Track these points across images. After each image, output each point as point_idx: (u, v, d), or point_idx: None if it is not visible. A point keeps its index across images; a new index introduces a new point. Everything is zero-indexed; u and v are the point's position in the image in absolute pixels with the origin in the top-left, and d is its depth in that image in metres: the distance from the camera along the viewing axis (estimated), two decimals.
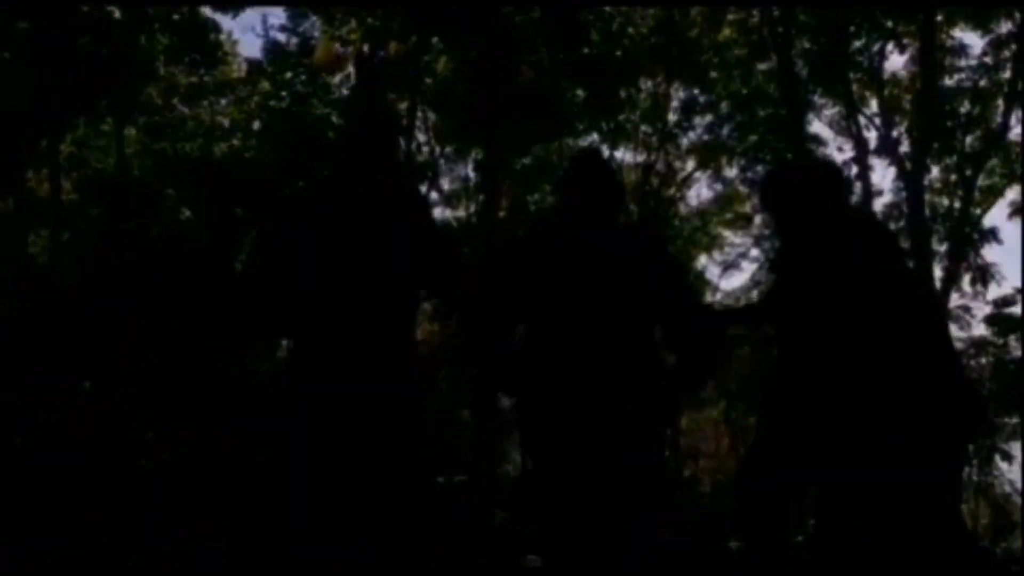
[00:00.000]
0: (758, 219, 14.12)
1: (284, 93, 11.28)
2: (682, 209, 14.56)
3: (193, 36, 9.73)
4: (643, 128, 13.00)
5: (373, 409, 2.47)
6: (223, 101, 11.34)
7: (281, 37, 11.15)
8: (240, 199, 9.94)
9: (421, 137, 11.97)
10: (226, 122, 11.17)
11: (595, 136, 13.08)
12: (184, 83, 10.81)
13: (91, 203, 10.06)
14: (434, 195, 12.49)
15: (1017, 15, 10.68)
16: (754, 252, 15.11)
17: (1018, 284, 11.13)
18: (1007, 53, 11.04)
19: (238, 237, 9.94)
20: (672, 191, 13.76)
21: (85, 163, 10.97)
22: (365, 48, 10.29)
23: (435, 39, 10.18)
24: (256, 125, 11.33)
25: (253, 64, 11.20)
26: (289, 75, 11.15)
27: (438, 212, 12.65)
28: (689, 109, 13.16)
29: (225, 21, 11.96)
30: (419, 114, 11.08)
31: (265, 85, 11.24)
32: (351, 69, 10.77)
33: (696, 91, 12.99)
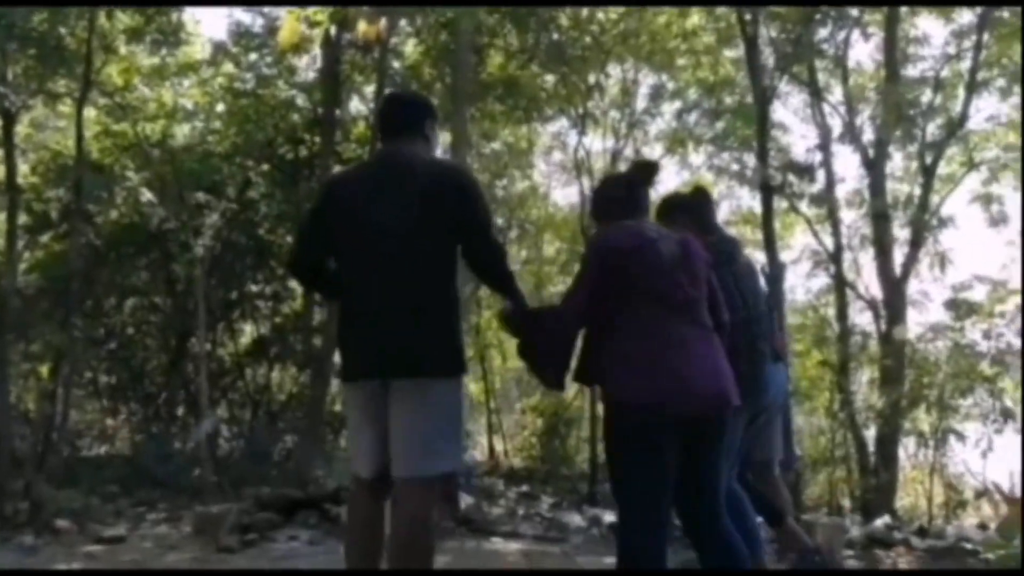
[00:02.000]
0: (724, 205, 14.28)
1: (249, 75, 11.07)
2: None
3: (155, 15, 9.49)
4: (612, 114, 13.03)
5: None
6: (186, 82, 11.10)
7: (246, 17, 10.95)
8: (202, 182, 9.77)
9: None
10: (189, 104, 10.93)
11: (564, 122, 13.06)
12: (146, 63, 10.56)
13: (49, 185, 9.83)
14: None
15: (978, 8, 10.84)
16: None
17: (975, 271, 11.39)
18: (967, 43, 11.22)
19: (199, 221, 9.78)
20: None
21: (43, 145, 10.70)
22: (332, 30, 10.11)
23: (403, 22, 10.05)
24: (220, 107, 11.11)
25: (217, 45, 10.97)
26: (254, 56, 10.95)
27: None
28: (657, 96, 13.23)
29: None
30: None
31: (229, 66, 11.02)
32: (317, 51, 10.58)
33: (664, 78, 13.05)
